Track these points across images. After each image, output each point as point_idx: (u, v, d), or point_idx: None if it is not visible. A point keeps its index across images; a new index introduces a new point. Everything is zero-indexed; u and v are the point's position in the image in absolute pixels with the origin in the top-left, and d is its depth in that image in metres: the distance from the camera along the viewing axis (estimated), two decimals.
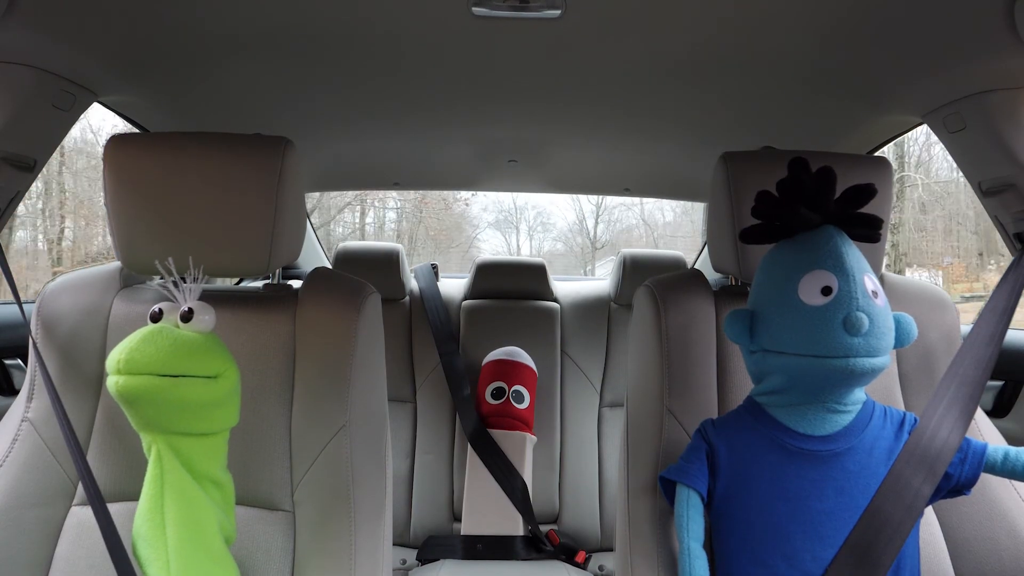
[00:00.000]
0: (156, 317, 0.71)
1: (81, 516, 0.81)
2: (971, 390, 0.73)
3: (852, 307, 0.63)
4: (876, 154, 1.22)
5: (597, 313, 1.76)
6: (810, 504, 0.68)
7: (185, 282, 0.74)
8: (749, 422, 0.74)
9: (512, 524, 1.51)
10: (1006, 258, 0.94)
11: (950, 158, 1.02)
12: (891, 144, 1.21)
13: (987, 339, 0.76)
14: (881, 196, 0.86)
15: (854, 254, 0.67)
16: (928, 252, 7.71)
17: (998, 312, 0.78)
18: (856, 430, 0.69)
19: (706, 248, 1.74)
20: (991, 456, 0.69)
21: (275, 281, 0.96)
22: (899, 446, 0.69)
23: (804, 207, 0.68)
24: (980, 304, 0.94)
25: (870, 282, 0.66)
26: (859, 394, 0.71)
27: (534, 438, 1.59)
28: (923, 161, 7.71)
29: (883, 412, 0.72)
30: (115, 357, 0.66)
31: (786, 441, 0.70)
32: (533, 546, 1.51)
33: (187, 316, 0.71)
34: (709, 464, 0.74)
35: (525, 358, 1.62)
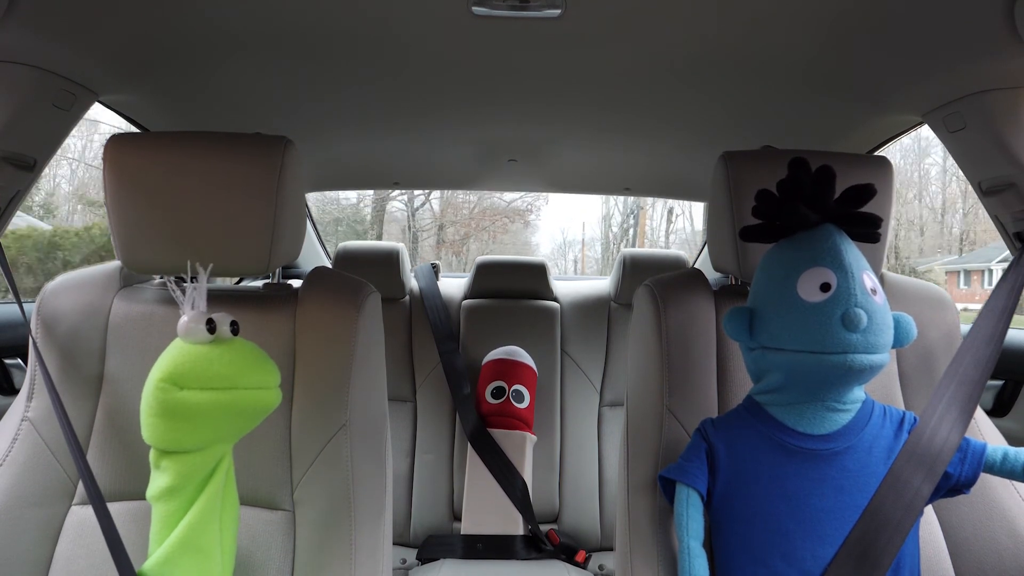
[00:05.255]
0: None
1: (81, 515, 0.81)
2: (971, 389, 0.73)
3: (851, 303, 0.63)
4: (877, 154, 1.22)
5: (597, 313, 1.76)
6: (809, 503, 0.68)
7: (194, 281, 0.73)
8: (748, 421, 0.74)
9: (512, 524, 1.51)
10: None
11: None
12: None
13: (987, 338, 0.76)
14: (882, 196, 0.86)
15: (853, 252, 0.67)
16: None
17: (998, 311, 0.78)
18: (855, 429, 0.69)
19: (706, 248, 1.74)
20: (990, 456, 0.69)
21: (275, 281, 0.96)
22: (899, 445, 0.69)
23: (803, 206, 0.68)
24: None
25: (869, 280, 0.66)
26: (858, 393, 0.71)
27: (534, 437, 1.59)
28: None
29: (882, 411, 0.72)
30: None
31: (785, 440, 0.70)
32: (533, 546, 1.51)
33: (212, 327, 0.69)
34: (708, 463, 0.74)
35: (525, 357, 1.62)
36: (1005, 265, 0.86)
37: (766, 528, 0.69)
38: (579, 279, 2.03)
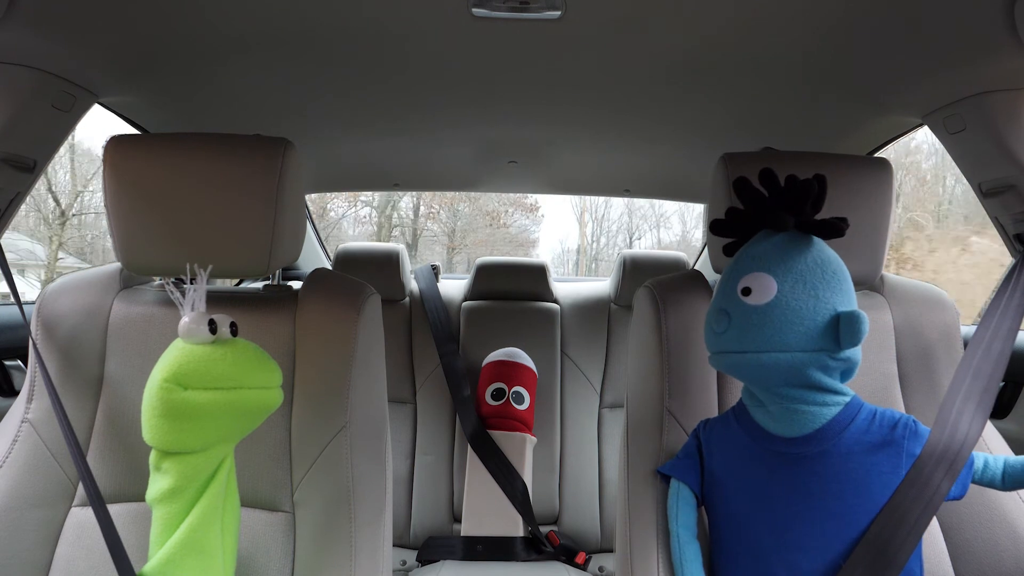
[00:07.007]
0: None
1: (81, 517, 0.81)
2: (986, 383, 0.73)
3: (714, 306, 0.70)
4: (876, 155, 1.22)
5: (597, 314, 1.76)
6: (776, 507, 0.68)
7: (193, 283, 0.73)
8: (732, 423, 0.75)
9: (512, 525, 1.51)
10: None
11: None
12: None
13: (997, 334, 0.76)
14: (881, 197, 0.86)
15: (751, 257, 0.68)
16: None
17: (1006, 309, 0.78)
18: (831, 433, 0.67)
19: (706, 249, 1.74)
20: (974, 465, 0.68)
21: (275, 282, 0.96)
22: (890, 449, 0.67)
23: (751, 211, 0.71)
24: None
25: (753, 282, 0.65)
26: (829, 394, 0.67)
27: (534, 439, 1.59)
28: None
29: (871, 414, 0.68)
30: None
31: (758, 442, 0.70)
32: (533, 547, 1.51)
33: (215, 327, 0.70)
34: (700, 462, 0.76)
35: (525, 359, 1.62)
36: None
37: (740, 530, 0.70)
38: (578, 280, 2.03)
